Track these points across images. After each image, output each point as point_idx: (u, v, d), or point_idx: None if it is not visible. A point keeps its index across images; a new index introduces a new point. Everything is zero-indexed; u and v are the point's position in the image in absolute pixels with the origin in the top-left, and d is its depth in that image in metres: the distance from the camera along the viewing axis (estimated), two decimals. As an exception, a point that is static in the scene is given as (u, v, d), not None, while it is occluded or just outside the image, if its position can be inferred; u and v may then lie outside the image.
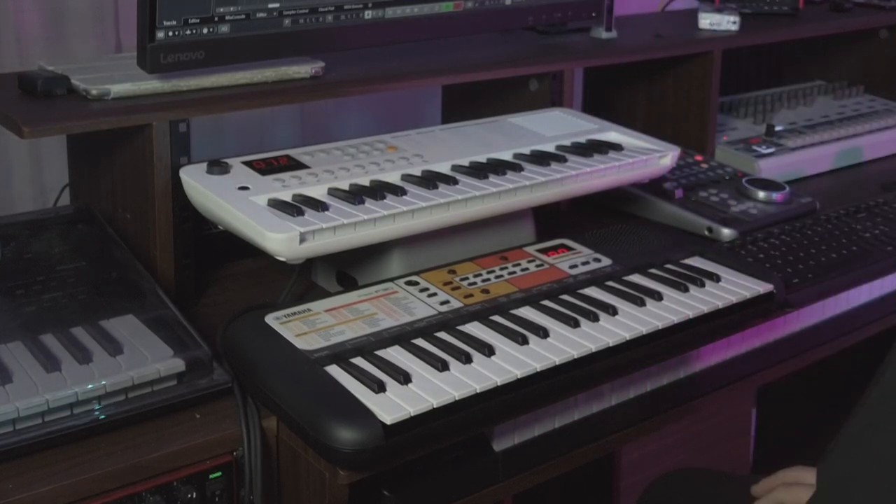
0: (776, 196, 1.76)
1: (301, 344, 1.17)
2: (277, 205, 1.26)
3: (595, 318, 1.27)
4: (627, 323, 1.27)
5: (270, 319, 1.22)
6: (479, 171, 1.40)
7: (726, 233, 1.64)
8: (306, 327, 1.21)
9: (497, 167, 1.42)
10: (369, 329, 1.21)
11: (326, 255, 1.31)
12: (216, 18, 1.35)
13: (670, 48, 1.91)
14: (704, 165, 1.86)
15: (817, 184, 2.00)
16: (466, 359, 1.16)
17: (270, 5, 1.40)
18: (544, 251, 1.44)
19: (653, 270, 1.43)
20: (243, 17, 1.38)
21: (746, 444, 2.07)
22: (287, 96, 1.46)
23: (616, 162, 1.50)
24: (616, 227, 1.56)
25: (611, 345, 1.23)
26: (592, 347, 1.21)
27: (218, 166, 1.33)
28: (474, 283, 1.33)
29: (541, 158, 1.47)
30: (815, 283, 1.54)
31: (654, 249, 1.49)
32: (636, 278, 1.40)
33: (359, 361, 1.15)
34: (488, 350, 1.18)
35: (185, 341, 1.16)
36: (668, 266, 1.44)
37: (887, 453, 0.85)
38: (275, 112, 1.98)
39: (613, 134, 1.62)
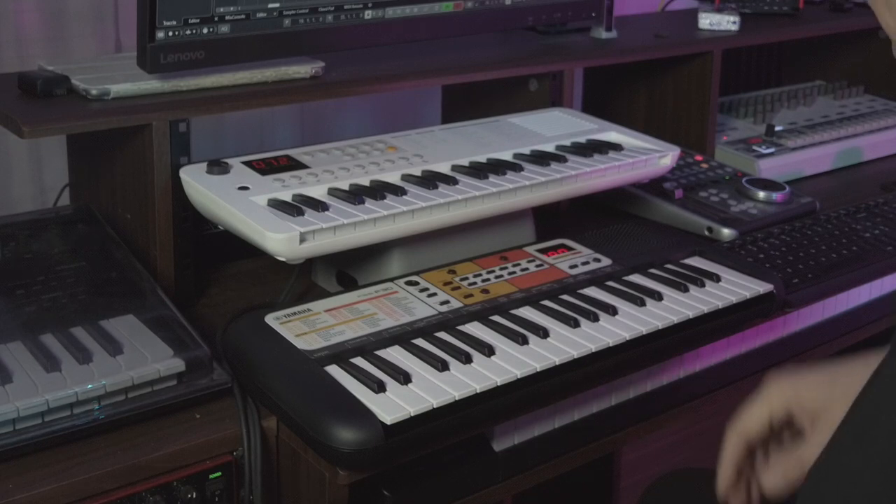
0: (776, 196, 1.76)
1: (301, 344, 1.17)
2: (277, 205, 1.26)
3: (595, 318, 1.27)
4: (627, 323, 1.27)
5: (270, 319, 1.22)
6: (479, 171, 1.40)
7: (726, 233, 1.64)
8: (306, 327, 1.21)
9: (497, 167, 1.42)
10: (369, 329, 1.21)
11: (326, 255, 1.32)
12: (216, 18, 1.35)
13: (670, 48, 1.91)
14: (704, 165, 1.86)
15: (817, 184, 2.00)
16: (466, 359, 1.16)
17: (270, 5, 1.40)
18: (544, 251, 1.44)
19: (653, 270, 1.43)
20: (243, 16, 1.38)
21: (746, 444, 2.07)
22: (287, 96, 1.46)
23: (616, 162, 1.50)
24: (616, 227, 1.56)
25: (611, 345, 1.23)
26: (592, 347, 1.21)
27: (218, 166, 1.33)
28: (474, 283, 1.33)
29: (541, 158, 1.47)
30: (815, 283, 1.54)
31: (654, 249, 1.49)
32: (636, 278, 1.40)
33: (359, 361, 1.16)
34: (488, 350, 1.18)
35: (184, 341, 1.16)
36: (668, 266, 1.44)
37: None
38: (275, 112, 1.98)
39: (613, 134, 1.62)
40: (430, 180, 1.35)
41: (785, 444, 1.06)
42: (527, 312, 1.29)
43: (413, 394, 1.10)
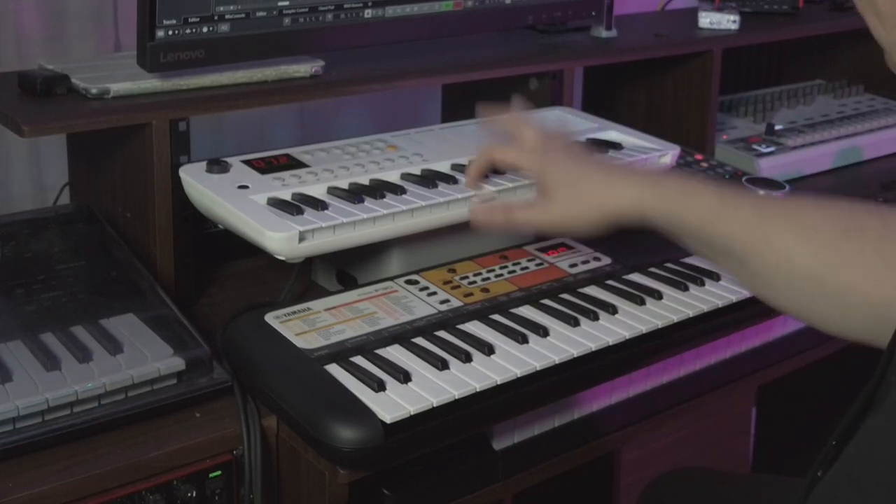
0: (776, 195, 1.76)
1: (301, 343, 1.17)
2: (277, 204, 1.26)
3: (595, 317, 1.27)
4: (627, 322, 1.27)
5: (270, 318, 1.22)
6: (479, 170, 1.40)
7: (726, 232, 1.63)
8: (306, 326, 1.21)
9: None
10: (369, 328, 1.21)
11: (326, 253, 1.32)
12: (216, 17, 1.35)
13: (670, 47, 1.91)
14: (704, 164, 1.86)
15: (817, 183, 1.99)
16: (466, 358, 1.16)
17: (270, 4, 1.40)
18: (544, 250, 1.44)
19: (653, 269, 1.42)
20: (243, 15, 1.38)
21: (746, 443, 2.08)
22: (287, 95, 1.46)
23: (616, 161, 1.50)
24: (616, 226, 1.55)
25: (611, 343, 1.23)
26: (592, 346, 1.21)
27: (217, 165, 1.33)
28: (474, 282, 1.33)
29: (541, 157, 1.47)
30: (815, 283, 1.53)
31: (654, 248, 1.48)
32: (636, 277, 1.40)
33: (359, 360, 1.16)
34: (488, 349, 1.18)
35: (184, 340, 1.16)
36: (668, 265, 1.44)
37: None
38: (275, 111, 1.98)
39: (613, 133, 1.62)
40: (429, 179, 1.35)
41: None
42: (527, 311, 1.29)
43: (413, 393, 1.10)
